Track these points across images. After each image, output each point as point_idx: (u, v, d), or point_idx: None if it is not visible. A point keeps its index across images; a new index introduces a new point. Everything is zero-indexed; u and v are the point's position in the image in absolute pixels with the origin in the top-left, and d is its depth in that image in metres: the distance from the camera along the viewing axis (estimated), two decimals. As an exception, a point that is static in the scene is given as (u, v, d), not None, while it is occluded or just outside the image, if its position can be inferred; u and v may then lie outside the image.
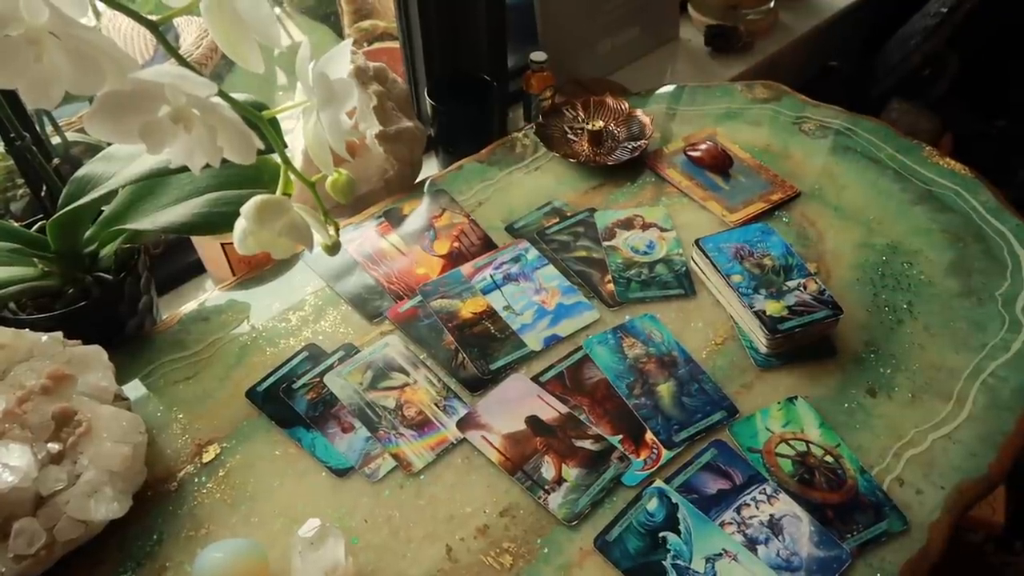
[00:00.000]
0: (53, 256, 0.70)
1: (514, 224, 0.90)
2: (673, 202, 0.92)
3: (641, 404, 0.72)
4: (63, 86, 0.43)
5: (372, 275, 0.83)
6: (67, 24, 0.41)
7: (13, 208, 0.85)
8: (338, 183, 0.53)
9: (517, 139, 1.01)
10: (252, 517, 0.64)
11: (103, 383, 0.64)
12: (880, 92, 1.67)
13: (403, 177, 0.94)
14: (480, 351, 0.76)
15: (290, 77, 1.31)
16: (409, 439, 0.69)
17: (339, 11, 1.32)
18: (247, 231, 0.51)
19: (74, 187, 0.67)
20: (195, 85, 0.44)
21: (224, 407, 0.72)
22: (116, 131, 0.45)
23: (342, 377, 0.73)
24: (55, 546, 0.56)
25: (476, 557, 0.62)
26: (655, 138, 1.00)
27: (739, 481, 0.66)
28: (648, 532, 0.63)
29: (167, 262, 0.94)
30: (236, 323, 0.79)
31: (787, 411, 0.71)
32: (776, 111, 1.05)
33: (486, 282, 0.82)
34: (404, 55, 1.08)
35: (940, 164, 0.95)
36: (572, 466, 0.67)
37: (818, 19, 1.47)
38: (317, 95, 0.49)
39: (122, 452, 0.60)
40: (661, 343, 0.77)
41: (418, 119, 0.96)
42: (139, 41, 1.13)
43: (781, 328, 0.73)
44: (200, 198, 0.67)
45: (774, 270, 0.78)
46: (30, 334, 0.64)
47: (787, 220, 0.89)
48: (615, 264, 0.84)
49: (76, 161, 0.83)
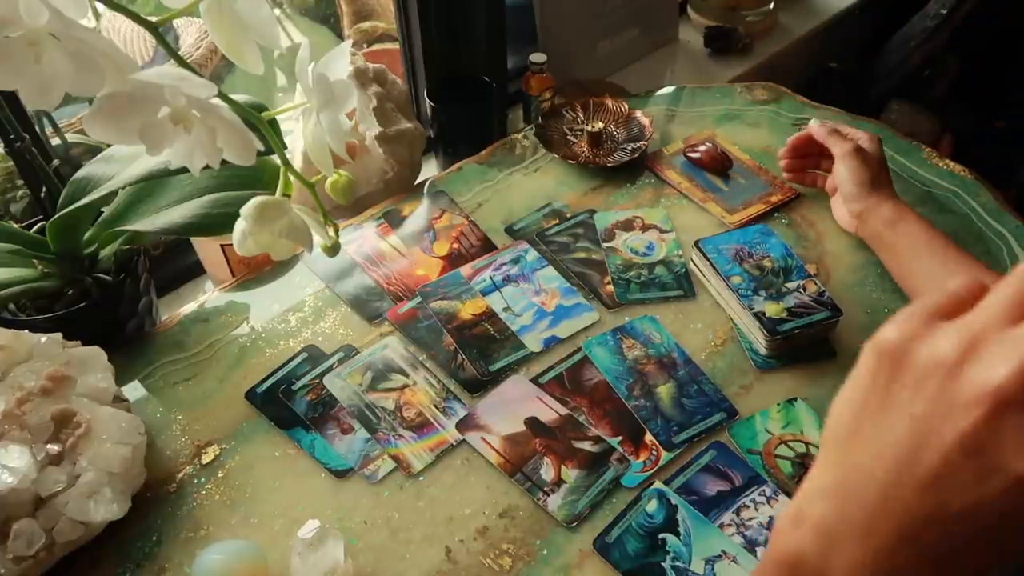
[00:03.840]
0: (53, 257, 0.70)
1: (514, 225, 0.90)
2: (673, 203, 0.92)
3: (640, 405, 0.72)
4: (63, 87, 0.43)
5: (372, 276, 0.83)
6: (67, 25, 0.41)
7: (13, 209, 0.85)
8: (338, 184, 0.53)
9: (517, 140, 1.01)
10: (251, 518, 0.64)
11: (102, 384, 0.64)
12: (880, 93, 1.67)
13: (403, 178, 0.94)
14: (480, 352, 0.76)
15: (290, 78, 1.31)
16: (408, 440, 0.69)
17: (339, 12, 1.32)
18: (247, 232, 0.51)
19: (74, 188, 0.67)
20: (195, 86, 0.44)
21: (223, 408, 0.72)
22: (116, 132, 0.45)
23: (341, 378, 0.73)
24: (54, 547, 0.56)
25: (475, 558, 0.62)
26: (655, 139, 1.00)
27: (738, 483, 0.66)
28: (647, 533, 0.63)
29: (167, 263, 0.94)
30: (236, 324, 0.79)
31: (787, 413, 0.71)
32: (776, 112, 1.05)
33: (486, 283, 0.82)
34: (404, 56, 1.08)
35: (940, 165, 0.95)
36: (571, 467, 0.67)
37: (818, 20, 1.47)
38: (316, 96, 0.49)
39: (121, 453, 0.60)
40: (661, 344, 0.77)
41: (418, 120, 0.96)
42: (139, 43, 1.13)
43: (780, 330, 0.73)
44: (200, 199, 0.67)
45: (774, 272, 0.78)
46: (29, 335, 0.64)
47: (786, 222, 0.89)
48: (615, 265, 0.84)
49: (76, 162, 0.83)
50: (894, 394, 0.27)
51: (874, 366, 0.28)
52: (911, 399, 0.26)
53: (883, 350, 0.28)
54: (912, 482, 0.26)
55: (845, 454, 0.29)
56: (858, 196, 0.81)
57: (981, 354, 0.25)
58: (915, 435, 0.26)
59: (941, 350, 0.26)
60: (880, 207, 0.80)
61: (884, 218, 0.79)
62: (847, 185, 0.82)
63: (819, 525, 0.29)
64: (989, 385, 0.24)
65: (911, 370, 0.27)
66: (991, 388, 0.24)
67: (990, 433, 0.24)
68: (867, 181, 0.81)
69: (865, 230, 0.82)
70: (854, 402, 0.29)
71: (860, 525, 0.28)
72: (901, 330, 0.27)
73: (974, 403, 0.24)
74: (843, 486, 0.28)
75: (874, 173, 0.81)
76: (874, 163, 0.82)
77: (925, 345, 0.27)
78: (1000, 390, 0.24)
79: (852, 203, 0.82)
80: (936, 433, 0.25)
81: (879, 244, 0.80)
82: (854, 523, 0.28)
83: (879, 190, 0.81)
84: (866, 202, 0.81)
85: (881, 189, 0.81)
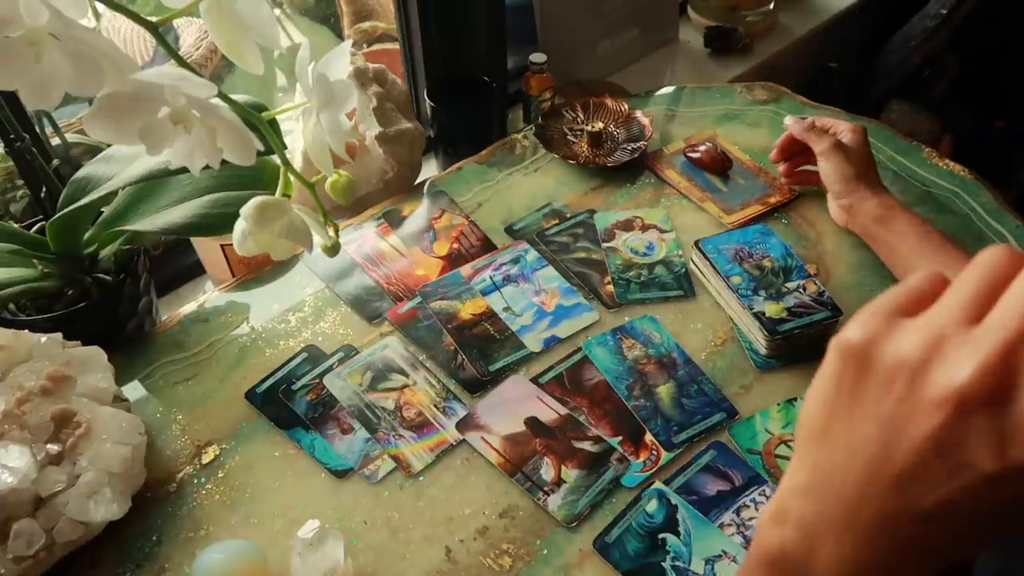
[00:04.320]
0: (53, 257, 0.70)
1: (513, 225, 0.90)
2: (673, 203, 0.92)
3: (640, 405, 0.72)
4: (63, 87, 0.43)
5: (372, 276, 0.83)
6: (67, 25, 0.41)
7: (13, 209, 0.85)
8: (338, 184, 0.53)
9: (516, 140, 1.01)
10: (251, 518, 0.64)
11: (102, 384, 0.64)
12: (880, 93, 1.67)
13: (403, 178, 0.94)
14: (479, 352, 0.76)
15: (290, 78, 1.31)
16: (408, 440, 0.69)
17: (339, 12, 1.32)
18: (247, 232, 0.51)
19: (74, 188, 0.67)
20: (195, 86, 0.44)
21: (223, 408, 0.72)
22: (116, 132, 0.45)
23: (341, 378, 0.73)
24: (54, 547, 0.56)
25: (475, 558, 0.62)
26: (654, 139, 1.00)
27: (738, 483, 0.66)
28: (647, 533, 0.63)
29: (167, 263, 0.94)
30: (235, 324, 0.79)
31: (787, 413, 0.71)
32: (776, 112, 1.05)
33: (486, 283, 0.82)
34: (404, 56, 1.08)
35: (939, 165, 0.95)
36: (571, 467, 0.67)
37: (817, 20, 1.47)
38: (316, 96, 0.49)
39: (121, 453, 0.60)
40: (660, 344, 0.77)
41: (418, 120, 0.96)
42: (139, 43, 1.13)
43: (780, 330, 0.73)
44: (200, 199, 0.67)
45: (773, 272, 0.78)
46: (29, 335, 0.64)
47: (786, 221, 0.89)
48: (614, 265, 0.84)
49: (76, 162, 0.83)
50: (860, 395, 0.28)
51: (839, 366, 0.28)
52: (878, 400, 0.27)
53: (847, 350, 0.28)
54: (886, 480, 0.26)
55: (818, 452, 0.29)
56: (843, 192, 0.81)
57: (944, 354, 0.25)
58: (885, 435, 0.26)
59: (904, 350, 0.26)
60: (865, 203, 0.80)
61: (872, 214, 0.79)
62: (831, 182, 0.82)
63: (799, 522, 0.30)
64: (952, 387, 0.24)
65: (876, 371, 0.27)
66: (954, 389, 0.24)
67: (956, 433, 0.25)
68: (851, 176, 0.81)
69: (855, 225, 0.82)
70: (823, 402, 0.29)
71: (839, 520, 0.28)
72: (864, 329, 0.28)
73: (939, 404, 0.25)
74: (819, 483, 0.29)
75: (857, 167, 0.81)
76: (855, 156, 0.82)
77: (889, 345, 0.27)
78: (963, 390, 0.24)
79: (838, 199, 0.83)
80: (904, 433, 0.26)
81: (870, 239, 0.81)
82: (833, 519, 0.29)
83: (864, 184, 0.81)
84: (852, 197, 0.81)
85: (866, 182, 0.81)
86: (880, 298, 0.28)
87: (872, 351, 0.27)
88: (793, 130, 0.86)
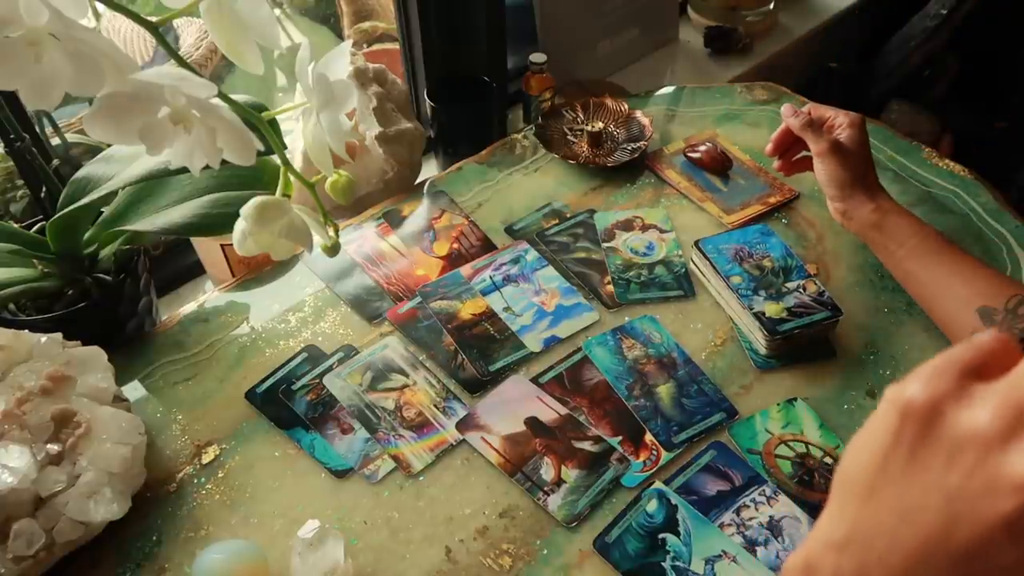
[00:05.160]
0: (53, 257, 0.70)
1: (513, 225, 0.90)
2: (673, 203, 0.92)
3: (640, 405, 0.72)
4: (63, 87, 0.43)
5: (371, 276, 0.83)
6: (67, 25, 0.41)
7: (13, 209, 0.85)
8: (338, 184, 0.53)
9: (516, 140, 1.01)
10: (251, 518, 0.64)
11: (102, 384, 0.64)
12: (880, 93, 1.67)
13: (403, 178, 0.94)
14: (479, 352, 0.76)
15: (290, 78, 1.31)
16: (408, 440, 0.69)
17: (339, 12, 1.32)
18: (247, 232, 0.51)
19: (74, 188, 0.67)
20: (195, 86, 0.44)
21: (223, 408, 0.72)
22: (116, 132, 0.45)
23: (341, 378, 0.73)
24: (54, 547, 0.56)
25: (475, 558, 0.62)
26: (654, 139, 1.00)
27: (738, 482, 0.66)
28: (647, 533, 0.63)
29: (167, 263, 0.94)
30: (235, 324, 0.79)
31: (786, 412, 0.71)
32: (776, 113, 1.04)
33: (486, 283, 0.82)
34: (404, 56, 1.08)
35: (939, 165, 0.95)
36: (571, 467, 0.67)
37: (817, 20, 1.47)
38: (316, 96, 0.49)
39: (121, 453, 0.60)
40: (660, 344, 0.77)
41: (418, 120, 0.96)
42: (139, 43, 1.13)
43: (780, 330, 0.73)
44: (200, 199, 0.67)
45: (773, 271, 0.78)
46: (29, 335, 0.64)
47: (786, 221, 0.89)
48: (614, 265, 0.84)
49: (76, 162, 0.83)
50: (922, 459, 0.26)
51: (898, 425, 0.26)
52: (944, 469, 0.25)
53: (909, 407, 0.26)
54: (943, 554, 0.25)
55: (862, 509, 0.27)
56: (839, 197, 0.79)
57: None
58: (949, 508, 0.25)
59: (980, 421, 0.24)
60: (861, 208, 0.77)
61: (868, 220, 0.77)
62: (826, 187, 0.80)
63: None
64: None
65: (942, 437, 0.25)
66: None
67: None
68: (846, 182, 0.78)
69: (852, 227, 0.80)
70: (874, 457, 0.27)
71: None
72: (930, 388, 0.26)
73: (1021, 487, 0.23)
74: (860, 544, 0.27)
75: (854, 170, 0.78)
76: (852, 159, 0.78)
77: (960, 411, 0.25)
78: None
79: (834, 203, 0.80)
80: (973, 511, 0.24)
81: (868, 242, 0.80)
82: None
83: (861, 188, 0.78)
84: (847, 203, 0.78)
85: (863, 186, 0.78)
86: (944, 355, 0.27)
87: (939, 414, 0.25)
88: (791, 125, 0.83)
